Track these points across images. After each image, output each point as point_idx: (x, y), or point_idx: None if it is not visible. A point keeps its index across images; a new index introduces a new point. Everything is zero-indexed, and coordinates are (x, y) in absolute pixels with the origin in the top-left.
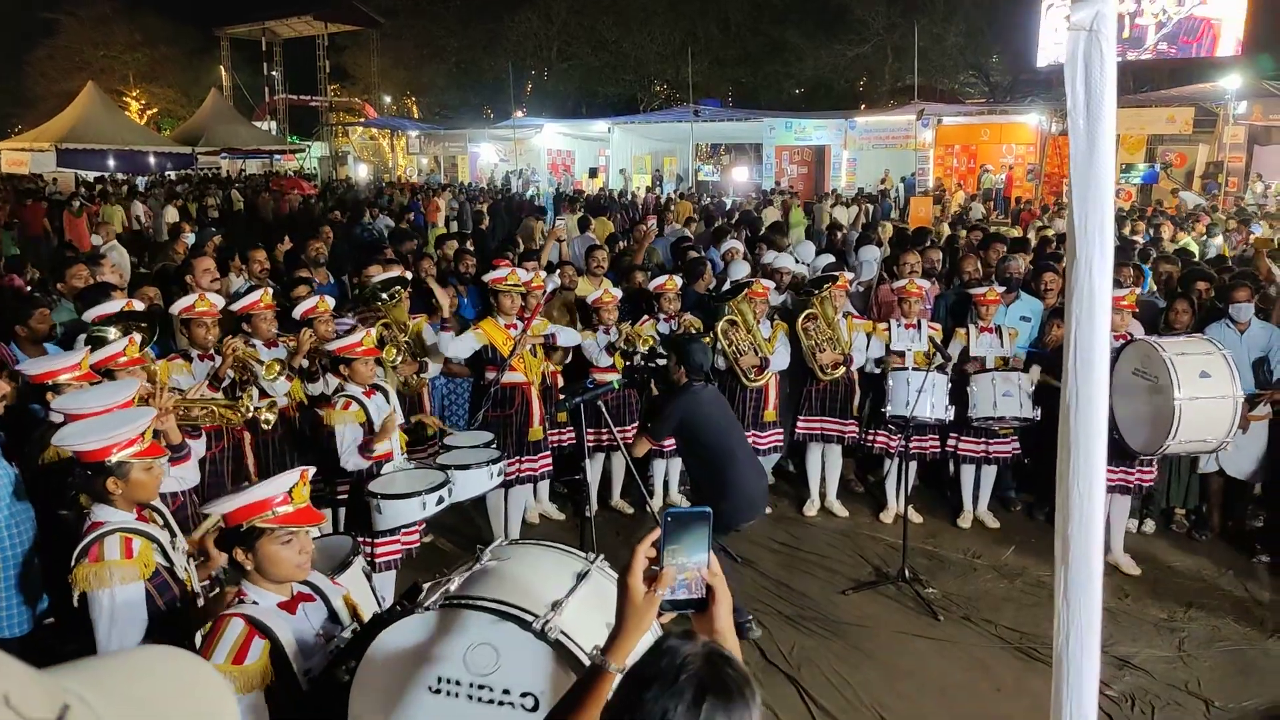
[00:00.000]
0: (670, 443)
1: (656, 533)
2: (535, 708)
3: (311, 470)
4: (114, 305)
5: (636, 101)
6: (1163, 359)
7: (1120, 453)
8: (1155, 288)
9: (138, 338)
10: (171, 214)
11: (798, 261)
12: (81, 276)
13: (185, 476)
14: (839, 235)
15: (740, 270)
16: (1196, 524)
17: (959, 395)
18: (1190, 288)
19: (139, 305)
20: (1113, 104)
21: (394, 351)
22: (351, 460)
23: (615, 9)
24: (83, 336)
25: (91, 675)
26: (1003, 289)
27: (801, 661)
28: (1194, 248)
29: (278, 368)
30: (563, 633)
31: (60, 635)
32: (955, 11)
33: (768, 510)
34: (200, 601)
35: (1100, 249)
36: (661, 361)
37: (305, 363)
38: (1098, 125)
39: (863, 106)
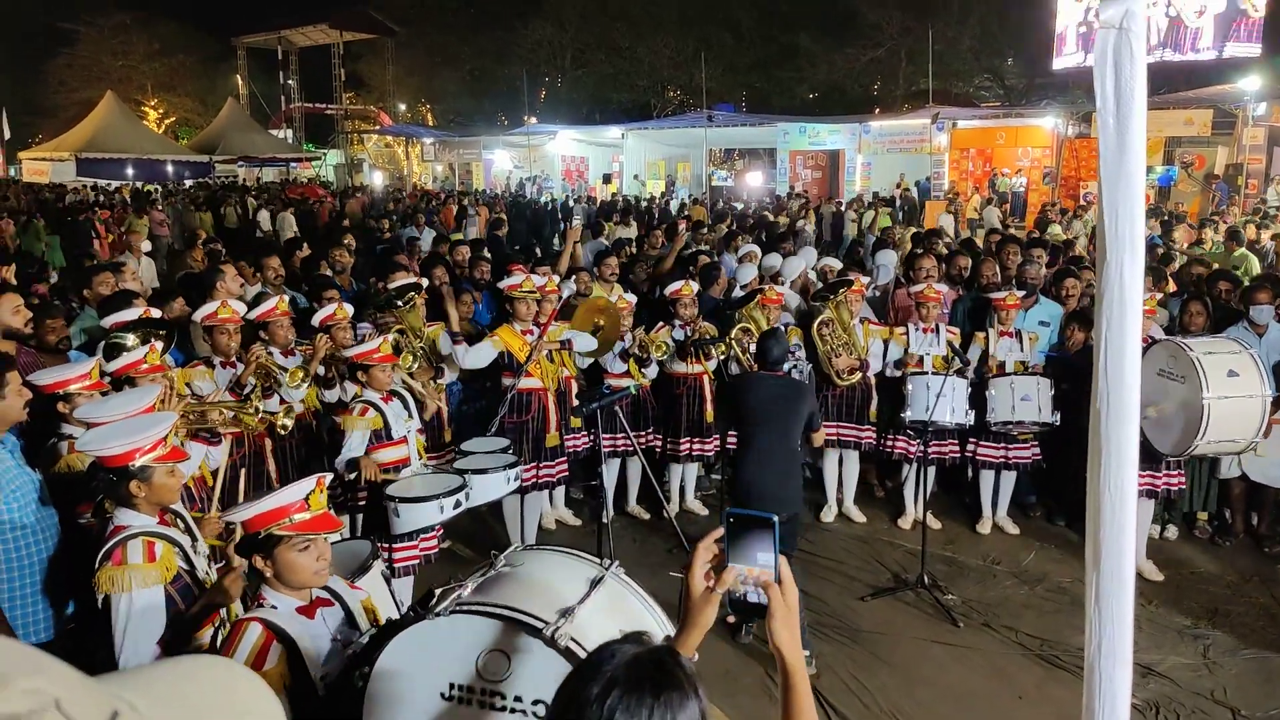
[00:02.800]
0: (685, 446)
1: (720, 530)
2: (547, 716)
3: (328, 477)
4: (132, 313)
5: (650, 108)
6: (1190, 358)
7: (1145, 456)
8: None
9: (159, 345)
10: (204, 220)
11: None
12: (108, 284)
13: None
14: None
15: (747, 274)
16: (1219, 529)
17: (978, 400)
18: (1208, 289)
19: (156, 313)
20: (1143, 103)
21: (410, 359)
22: (340, 465)
23: (628, 16)
24: (101, 344)
25: (139, 682)
26: (1022, 293)
27: (820, 668)
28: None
29: (301, 375)
30: (573, 639)
31: (81, 640)
32: (970, 14)
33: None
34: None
35: (1131, 250)
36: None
37: (321, 370)
38: (1127, 124)
39: (877, 110)
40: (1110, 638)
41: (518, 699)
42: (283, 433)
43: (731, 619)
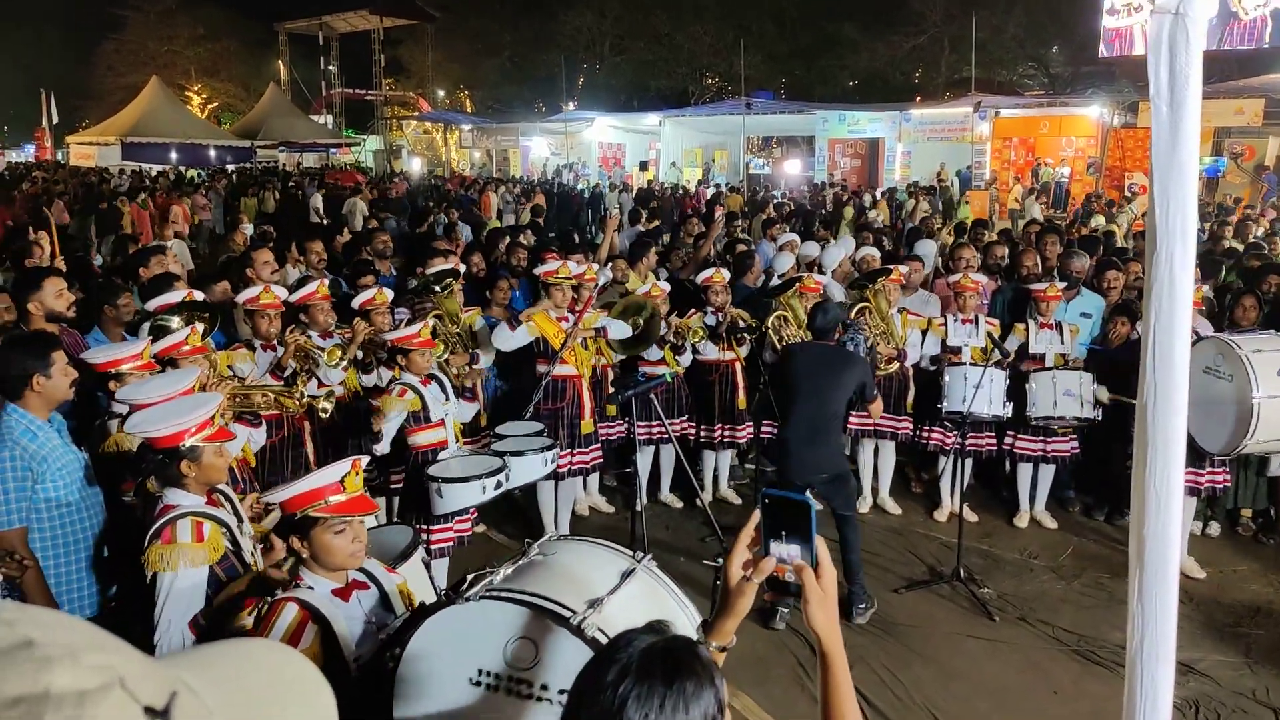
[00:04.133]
0: (717, 433)
1: (758, 516)
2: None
3: (364, 460)
4: (176, 295)
5: (688, 95)
6: (1239, 356)
7: (1190, 454)
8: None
9: (200, 327)
10: (248, 205)
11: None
12: (164, 265)
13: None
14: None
15: (785, 262)
16: (1263, 527)
17: (1017, 392)
18: (1259, 282)
19: (199, 296)
20: (1198, 91)
21: (441, 347)
22: (380, 446)
23: (668, 3)
24: (145, 325)
25: (195, 664)
26: (1063, 285)
27: (853, 659)
28: None
29: (339, 353)
30: (600, 630)
31: (120, 616)
32: (1016, 2)
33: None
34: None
35: (1182, 242)
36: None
37: (360, 354)
38: (1181, 112)
39: (918, 99)
40: (1153, 635)
41: (544, 688)
42: (323, 416)
43: (768, 597)
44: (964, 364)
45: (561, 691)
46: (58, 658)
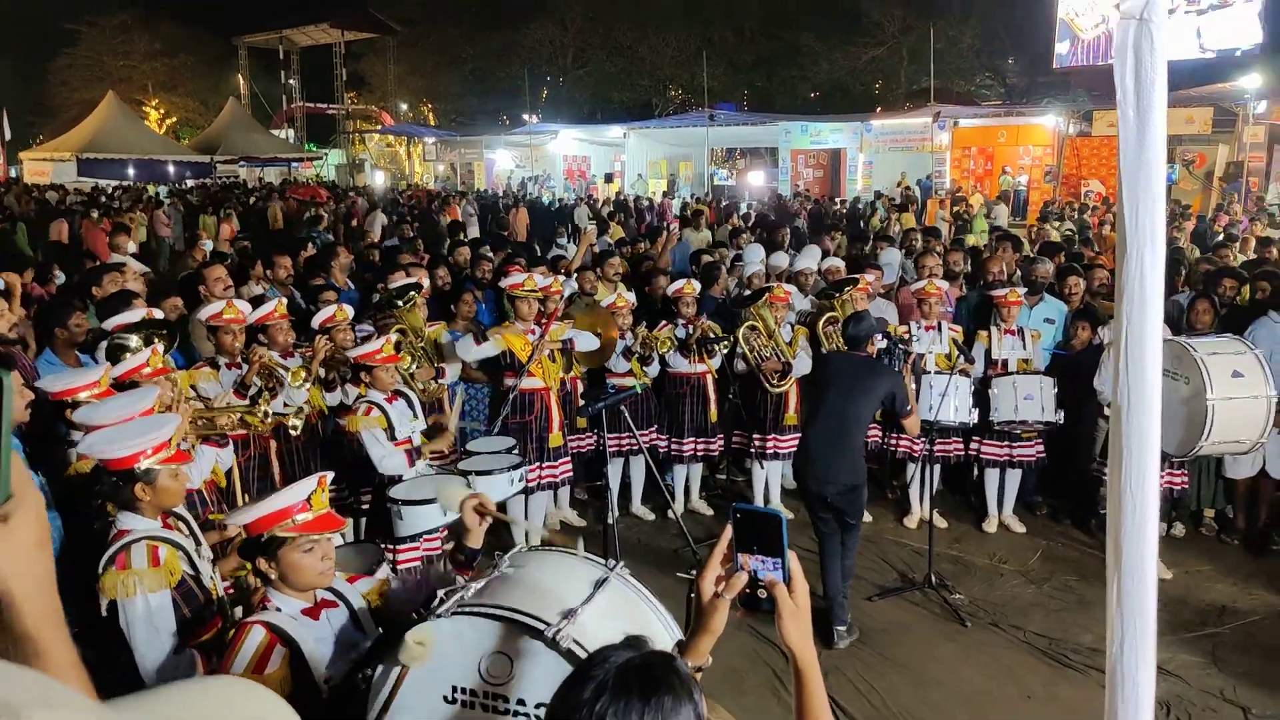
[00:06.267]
0: (689, 446)
1: (730, 532)
2: None
3: (330, 475)
4: (135, 314)
5: (652, 107)
6: (1194, 359)
7: None
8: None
9: (160, 347)
10: (207, 222)
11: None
12: (118, 283)
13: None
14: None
15: (754, 255)
16: (1225, 527)
17: (981, 398)
18: (1214, 286)
19: (159, 314)
20: (1163, 94)
21: (409, 359)
22: (390, 462)
23: (631, 15)
24: (103, 345)
25: (154, 709)
26: (1024, 290)
27: (828, 669)
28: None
29: (304, 375)
30: (575, 641)
31: (80, 644)
32: (971, 13)
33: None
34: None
35: (1151, 244)
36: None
37: (322, 372)
38: (1148, 116)
39: (879, 109)
40: (1133, 638)
41: (520, 702)
42: (294, 434)
43: (740, 614)
44: (929, 371)
45: (538, 705)
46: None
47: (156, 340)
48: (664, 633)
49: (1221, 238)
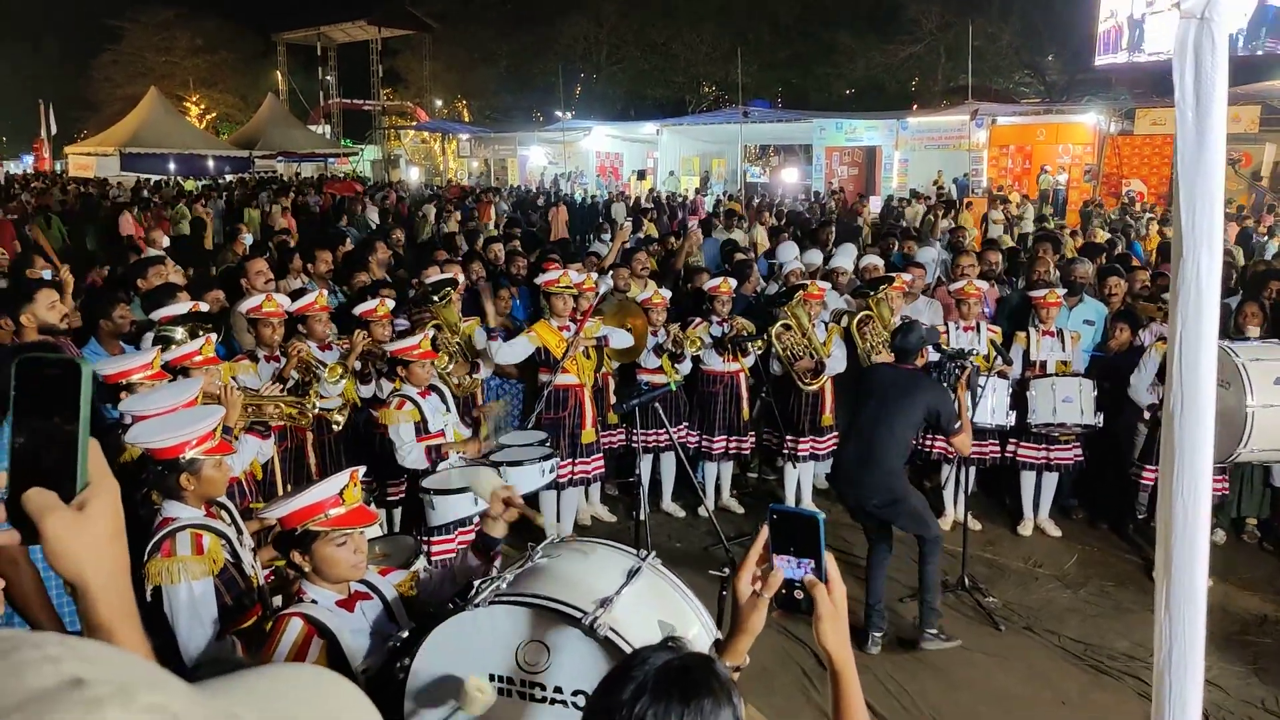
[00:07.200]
0: (720, 444)
1: (766, 532)
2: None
3: (361, 470)
4: (181, 306)
5: (685, 104)
6: (1235, 364)
7: None
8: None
9: (214, 337)
10: (251, 216)
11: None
12: (163, 275)
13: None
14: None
15: (788, 253)
16: (1268, 535)
17: (1018, 400)
18: (1261, 289)
19: (204, 306)
20: (1224, 95)
21: (445, 359)
22: (410, 456)
23: (665, 12)
24: (149, 335)
25: (247, 695)
26: (1064, 291)
27: (860, 669)
28: None
29: (340, 370)
30: (612, 629)
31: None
32: (1011, 10)
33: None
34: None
35: (1209, 247)
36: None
37: (358, 364)
38: (1207, 118)
39: (915, 107)
40: (1181, 646)
41: (558, 690)
42: (336, 429)
43: (776, 614)
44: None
45: (575, 693)
46: (109, 697)
47: (203, 332)
48: (696, 619)
49: (1266, 239)
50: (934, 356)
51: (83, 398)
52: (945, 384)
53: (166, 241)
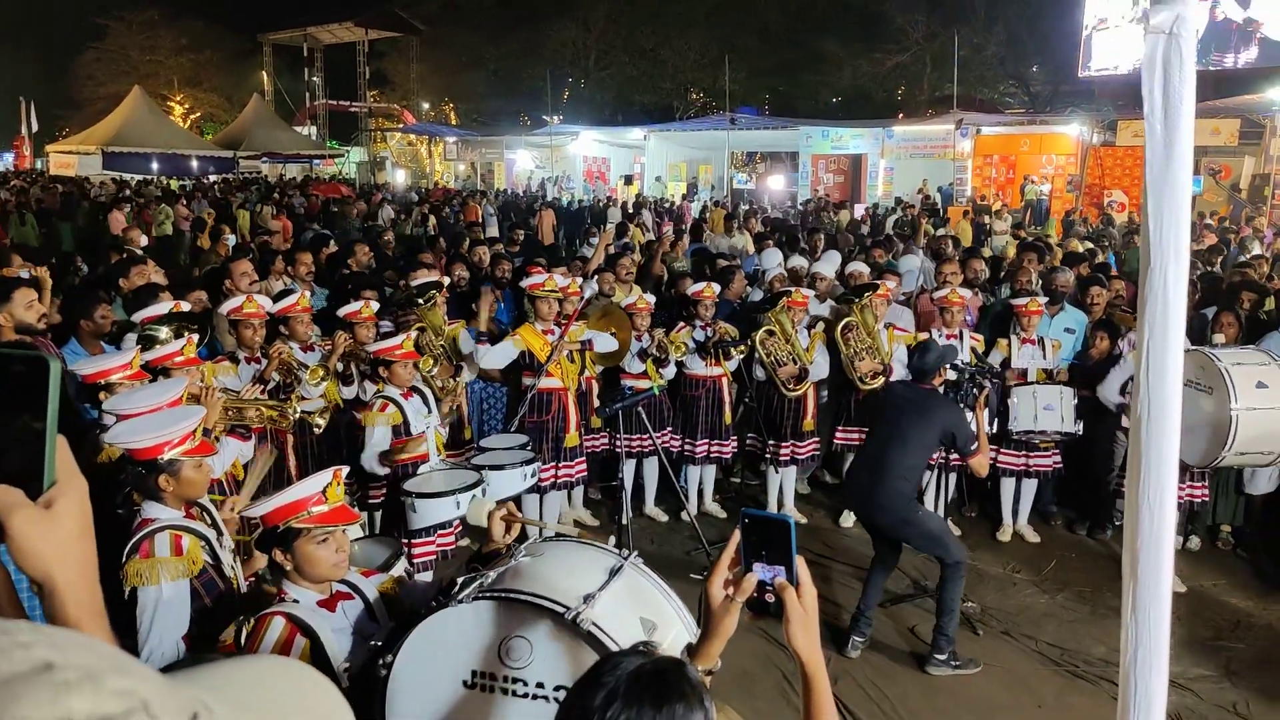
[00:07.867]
0: (703, 447)
1: (738, 536)
2: None
3: (345, 470)
4: (163, 306)
5: (673, 110)
6: (1219, 369)
7: None
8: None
9: (195, 338)
10: (244, 220)
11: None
12: (145, 275)
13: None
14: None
15: (772, 259)
16: (1242, 542)
17: (999, 407)
18: (1235, 299)
19: (186, 306)
20: (1191, 109)
21: (430, 362)
22: (370, 463)
23: (654, 18)
24: (131, 336)
25: (216, 684)
26: (1045, 300)
27: (838, 673)
28: None
29: (321, 373)
30: (595, 624)
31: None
32: (996, 21)
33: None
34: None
35: (1175, 257)
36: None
37: (340, 366)
38: (1175, 131)
39: (900, 116)
40: (1146, 648)
41: (539, 685)
42: (317, 431)
43: (748, 618)
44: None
45: (557, 688)
46: (77, 681)
47: (186, 332)
48: (677, 618)
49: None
50: (951, 375)
51: (51, 395)
52: (963, 404)
53: (145, 241)
